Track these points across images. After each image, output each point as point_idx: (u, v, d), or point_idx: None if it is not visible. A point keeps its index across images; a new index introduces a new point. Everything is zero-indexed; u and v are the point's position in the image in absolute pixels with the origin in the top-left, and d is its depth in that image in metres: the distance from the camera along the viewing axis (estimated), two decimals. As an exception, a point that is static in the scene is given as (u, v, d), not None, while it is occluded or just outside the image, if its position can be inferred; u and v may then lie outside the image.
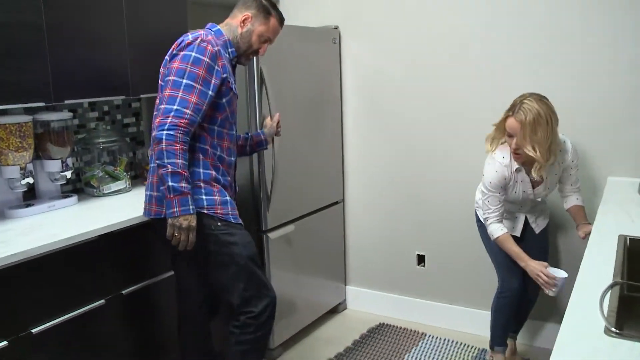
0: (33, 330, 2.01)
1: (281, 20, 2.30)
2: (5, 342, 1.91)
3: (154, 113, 2.09)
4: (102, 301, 2.26)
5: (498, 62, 3.00)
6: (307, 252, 3.33)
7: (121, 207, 2.58)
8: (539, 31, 2.88)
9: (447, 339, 3.28)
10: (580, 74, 2.83)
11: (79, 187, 2.84)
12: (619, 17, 2.70)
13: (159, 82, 2.15)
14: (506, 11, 2.94)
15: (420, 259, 3.49)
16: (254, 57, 2.57)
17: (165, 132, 1.95)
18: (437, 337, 3.30)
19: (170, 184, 1.96)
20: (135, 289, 2.40)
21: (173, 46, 2.12)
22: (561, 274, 2.45)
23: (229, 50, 2.21)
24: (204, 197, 2.11)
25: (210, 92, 2.05)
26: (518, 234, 2.71)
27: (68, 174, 2.59)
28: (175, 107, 1.97)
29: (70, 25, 2.38)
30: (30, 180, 2.45)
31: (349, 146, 3.60)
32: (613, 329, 1.30)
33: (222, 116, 2.16)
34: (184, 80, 2.00)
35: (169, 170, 1.95)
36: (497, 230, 2.56)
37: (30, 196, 2.60)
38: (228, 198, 2.18)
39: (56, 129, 2.54)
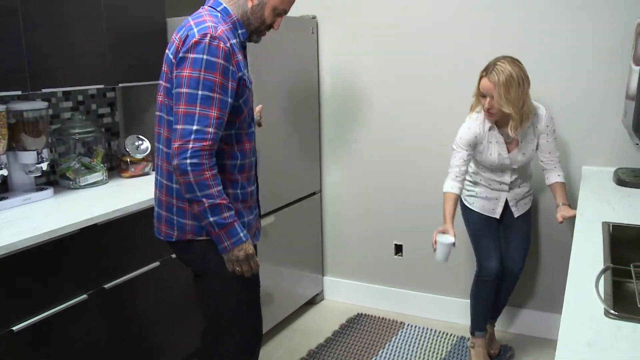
0: (14, 328, 1.94)
1: None
2: (-14, 340, 1.85)
3: (156, 129, 1.88)
4: (85, 296, 2.20)
5: (477, 52, 3.03)
6: (284, 243, 3.32)
7: (99, 199, 2.51)
8: (517, 23, 2.92)
9: (426, 327, 3.32)
10: (554, 66, 2.90)
11: (54, 179, 2.75)
12: (597, 11, 2.76)
13: (162, 82, 1.85)
14: (485, 1, 2.97)
15: (398, 249, 3.52)
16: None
17: (189, 161, 1.69)
18: (416, 326, 3.34)
19: (211, 219, 1.74)
20: (118, 283, 2.34)
21: (176, 41, 1.79)
22: (444, 239, 2.44)
23: (239, 32, 1.89)
24: None
25: (229, 100, 1.76)
26: (497, 215, 2.76)
27: (44, 166, 2.51)
28: (195, 127, 1.69)
29: (46, 9, 2.29)
30: (4, 172, 2.36)
31: (326, 137, 3.59)
32: (612, 312, 1.34)
33: (241, 118, 1.86)
34: (200, 92, 1.70)
35: (206, 205, 1.72)
36: (446, 186, 2.64)
37: (3, 189, 2.50)
38: (245, 220, 1.92)
39: (31, 119, 2.45)
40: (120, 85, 2.68)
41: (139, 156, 2.90)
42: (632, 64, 2.53)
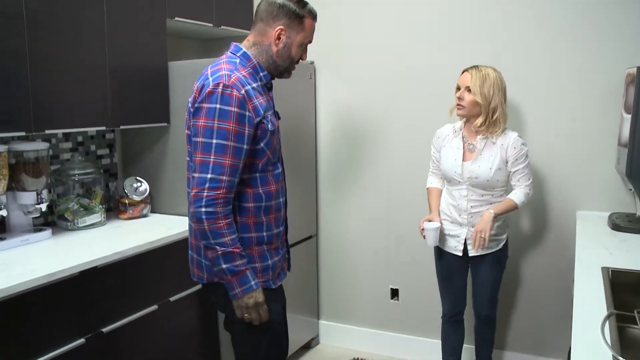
0: (10, 373, 1.90)
1: (314, 15, 1.94)
2: (-17, 386, 1.80)
3: (187, 175, 1.92)
4: (82, 340, 2.16)
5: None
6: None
7: (97, 241, 2.49)
8: (513, 69, 2.98)
9: (423, 372, 3.29)
10: (548, 111, 2.97)
11: (52, 220, 2.73)
12: (587, 60, 2.86)
13: (186, 130, 1.91)
14: (480, 49, 3.06)
15: (394, 293, 3.51)
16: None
17: (203, 209, 1.72)
18: (412, 371, 3.30)
19: (224, 267, 1.77)
20: (116, 327, 2.30)
21: (194, 90, 1.83)
22: (430, 225, 2.64)
23: (261, 75, 1.91)
24: None
25: (245, 147, 1.78)
26: (459, 252, 2.69)
27: (43, 207, 2.49)
28: (209, 175, 1.73)
29: (52, 53, 2.32)
30: (3, 212, 2.34)
31: (322, 181, 3.62)
32: (621, 359, 1.35)
33: (263, 160, 1.87)
34: (214, 141, 1.73)
35: (219, 253, 1.76)
36: (428, 182, 2.85)
37: (1, 229, 2.48)
38: (269, 262, 1.95)
39: (31, 159, 2.45)
40: (122, 127, 2.70)
41: (137, 198, 2.90)
42: (623, 112, 2.61)
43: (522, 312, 3.16)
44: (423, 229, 2.65)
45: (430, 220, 2.68)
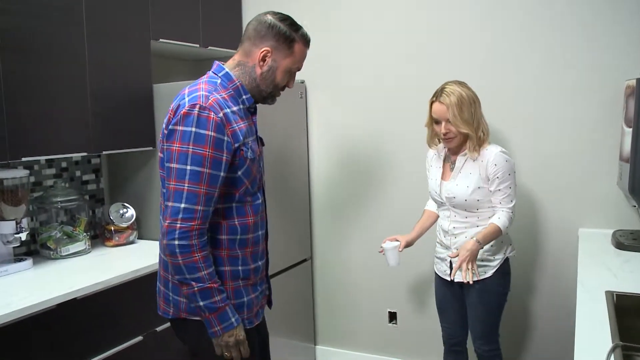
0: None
1: (306, 40, 1.82)
2: None
3: (160, 202, 1.75)
4: (62, 376, 2.06)
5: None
6: (275, 311, 3.15)
7: (81, 271, 2.40)
8: (509, 83, 2.92)
9: (424, 399, 3.16)
10: (546, 128, 2.88)
11: (34, 249, 2.64)
12: (585, 72, 2.78)
13: (159, 154, 1.75)
14: (475, 63, 2.98)
15: (392, 316, 3.39)
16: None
17: (177, 242, 1.59)
18: (413, 398, 3.18)
19: (201, 304, 1.64)
20: (99, 360, 2.21)
21: (169, 111, 1.70)
22: (387, 245, 2.56)
23: (243, 97, 1.77)
24: None
25: (222, 174, 1.64)
26: (448, 277, 2.53)
27: (23, 236, 2.41)
28: (182, 205, 1.59)
29: (28, 76, 2.25)
30: (-19, 243, 2.26)
31: (316, 202, 3.53)
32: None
33: (241, 190, 1.73)
34: (188, 167, 1.60)
35: (195, 289, 1.62)
36: (426, 204, 2.74)
37: (-21, 260, 2.39)
38: (245, 299, 1.78)
39: (10, 187, 2.37)
40: (104, 152, 2.62)
41: (123, 224, 2.81)
42: (623, 126, 2.52)
43: (526, 335, 3.04)
44: (382, 249, 2.57)
45: (395, 240, 2.57)
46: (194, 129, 1.61)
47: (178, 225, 1.60)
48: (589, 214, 2.84)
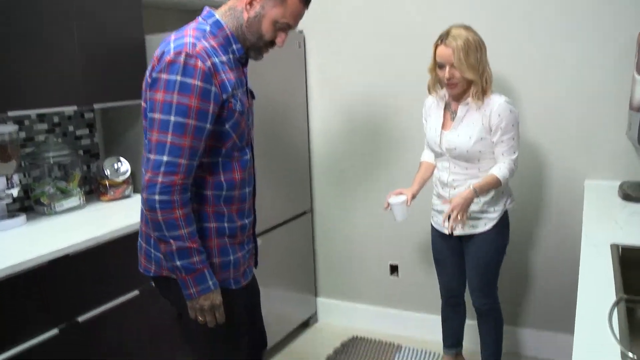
0: (-23, 371, 1.79)
1: None
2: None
3: (143, 154, 1.63)
4: (56, 331, 2.05)
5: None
6: (275, 264, 3.17)
7: (75, 226, 2.37)
8: (518, 29, 2.79)
9: (424, 350, 3.17)
10: (554, 77, 2.77)
11: (28, 205, 2.60)
12: (597, 21, 2.65)
13: (142, 103, 1.65)
14: (480, 8, 2.85)
15: (394, 269, 3.37)
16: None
17: (157, 197, 1.51)
18: (413, 349, 3.19)
19: (178, 263, 1.57)
20: (94, 315, 2.19)
21: (154, 58, 1.60)
22: (394, 199, 2.49)
23: (233, 47, 1.67)
24: None
25: (208, 126, 1.56)
26: (447, 231, 2.44)
27: (14, 192, 2.36)
28: (165, 158, 1.51)
29: (13, 28, 2.15)
30: (-29, 199, 2.22)
31: (316, 154, 3.46)
32: (630, 355, 1.20)
33: (229, 144, 1.64)
34: (172, 118, 1.50)
35: (174, 247, 1.55)
36: (421, 156, 2.68)
37: (-29, 217, 2.36)
38: (231, 257, 1.72)
39: (-1, 142, 2.31)
40: (95, 106, 2.54)
41: (118, 179, 2.76)
42: (635, 74, 2.41)
43: (528, 288, 3.01)
44: (388, 204, 2.48)
45: (401, 194, 2.51)
46: (179, 78, 1.51)
47: (159, 179, 1.52)
48: (595, 164, 2.76)
